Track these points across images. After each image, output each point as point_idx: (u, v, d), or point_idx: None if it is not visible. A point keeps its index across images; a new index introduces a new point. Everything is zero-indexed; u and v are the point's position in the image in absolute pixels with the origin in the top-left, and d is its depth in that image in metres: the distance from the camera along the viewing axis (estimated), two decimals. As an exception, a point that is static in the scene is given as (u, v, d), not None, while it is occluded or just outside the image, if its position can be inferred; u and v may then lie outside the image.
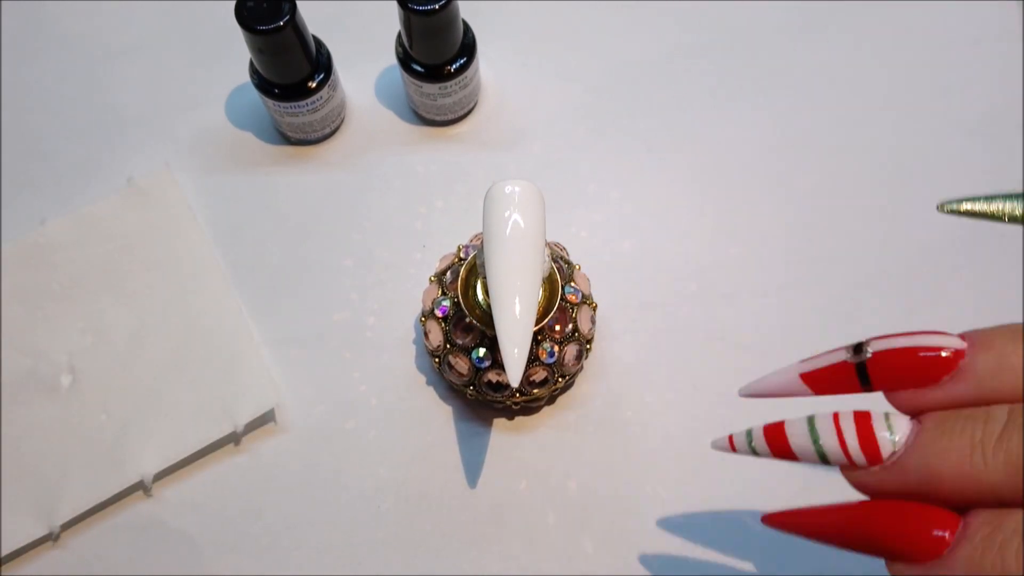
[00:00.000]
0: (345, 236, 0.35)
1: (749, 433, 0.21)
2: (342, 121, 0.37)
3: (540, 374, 0.29)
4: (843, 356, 0.20)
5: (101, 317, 0.33)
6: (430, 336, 0.30)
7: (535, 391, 0.30)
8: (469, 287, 0.29)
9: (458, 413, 0.32)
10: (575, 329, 0.30)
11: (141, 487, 0.31)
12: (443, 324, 0.30)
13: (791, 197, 0.36)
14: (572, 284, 0.30)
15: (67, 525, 0.31)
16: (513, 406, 0.31)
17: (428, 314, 0.30)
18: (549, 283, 0.28)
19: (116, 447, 0.31)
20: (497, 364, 0.29)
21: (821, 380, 0.21)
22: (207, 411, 0.32)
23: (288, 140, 0.37)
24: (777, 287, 0.34)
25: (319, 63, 0.34)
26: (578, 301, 0.30)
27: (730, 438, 0.21)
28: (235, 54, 0.37)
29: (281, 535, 0.31)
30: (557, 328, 0.29)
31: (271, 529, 0.31)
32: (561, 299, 0.29)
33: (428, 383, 0.33)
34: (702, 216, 0.35)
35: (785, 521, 0.21)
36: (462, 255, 0.30)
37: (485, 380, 0.30)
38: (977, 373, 0.19)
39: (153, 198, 0.35)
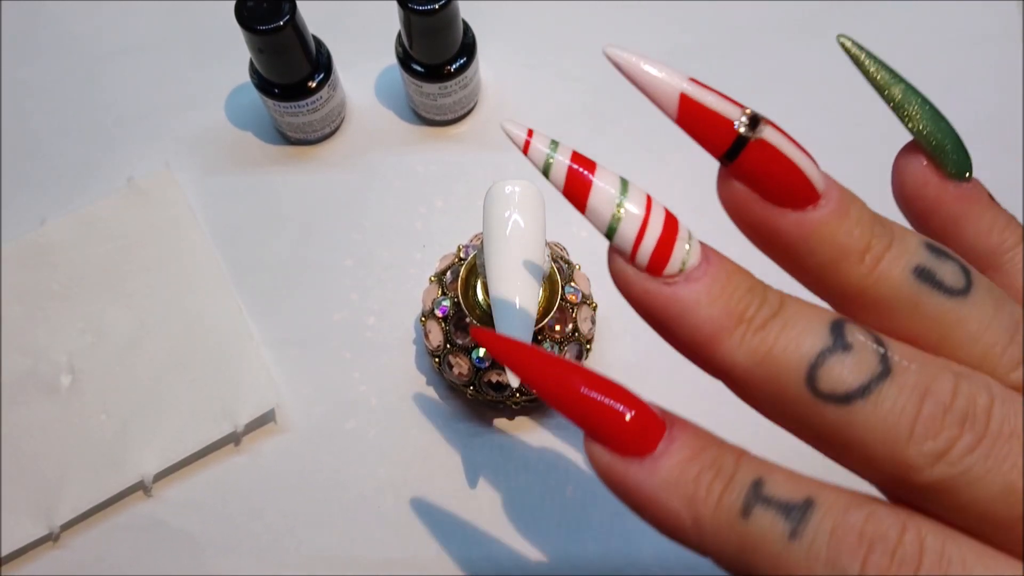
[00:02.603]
0: (345, 236, 0.35)
1: (555, 147, 0.18)
2: (342, 121, 0.37)
3: (540, 374, 0.29)
4: (734, 116, 0.17)
5: (101, 317, 0.33)
6: (430, 336, 0.30)
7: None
8: (469, 287, 0.29)
9: (458, 413, 0.32)
10: (575, 329, 0.30)
11: (141, 487, 0.31)
12: (443, 324, 0.30)
13: (791, 197, 0.36)
14: (572, 284, 0.30)
15: (67, 525, 0.31)
16: (513, 406, 0.31)
17: (428, 314, 0.30)
18: (549, 283, 0.28)
19: (116, 447, 0.31)
20: (497, 364, 0.29)
21: (694, 116, 0.18)
22: (207, 411, 0.32)
23: (288, 140, 0.37)
24: (777, 287, 0.34)
25: (319, 63, 0.34)
26: (578, 301, 0.30)
27: (530, 135, 0.18)
28: (235, 54, 0.37)
29: (281, 535, 0.31)
30: (557, 328, 0.29)
31: (271, 529, 0.31)
32: (561, 299, 0.29)
33: (428, 383, 0.33)
34: (702, 216, 0.35)
35: (493, 345, 0.18)
36: (462, 255, 0.30)
37: (485, 380, 0.30)
38: (824, 235, 0.18)
39: (153, 198, 0.35)
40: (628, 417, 0.18)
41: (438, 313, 0.30)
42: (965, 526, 0.16)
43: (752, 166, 0.18)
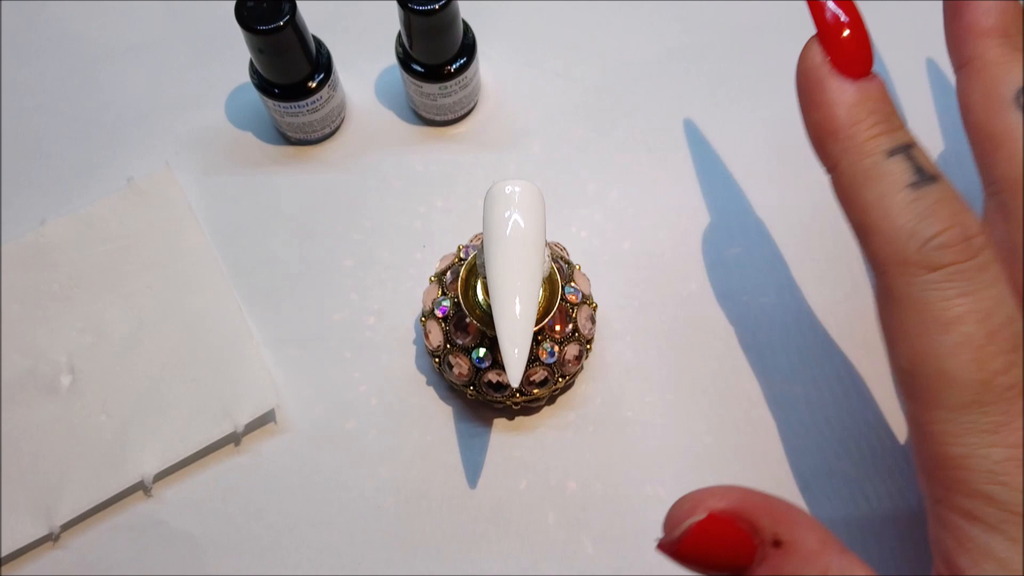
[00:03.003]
0: (345, 236, 0.35)
1: None
2: (342, 121, 0.37)
3: (540, 374, 0.29)
4: None
5: (101, 317, 0.33)
6: (430, 336, 0.30)
7: (535, 391, 0.30)
8: (469, 287, 0.29)
9: (458, 413, 0.32)
10: (575, 329, 0.30)
11: (141, 487, 0.31)
12: (443, 324, 0.30)
13: (791, 197, 0.36)
14: (572, 284, 0.30)
15: (67, 525, 0.31)
16: (513, 406, 0.31)
17: (428, 314, 0.30)
18: (549, 283, 0.28)
19: (116, 447, 0.31)
20: (497, 364, 0.29)
21: None
22: (207, 411, 0.32)
23: (288, 140, 0.37)
24: (777, 287, 0.34)
25: (319, 63, 0.34)
26: (578, 301, 0.30)
27: None
28: (235, 54, 0.37)
29: (281, 535, 0.31)
30: (557, 328, 0.29)
31: (271, 529, 0.31)
32: (561, 299, 0.29)
33: (428, 383, 0.33)
34: (702, 216, 0.35)
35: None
36: (462, 255, 0.30)
37: (485, 380, 0.30)
38: None
39: (153, 198, 0.35)
40: (860, 49, 0.23)
41: (438, 313, 0.30)
42: None
43: None
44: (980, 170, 0.24)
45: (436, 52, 0.33)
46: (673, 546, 0.22)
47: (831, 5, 0.23)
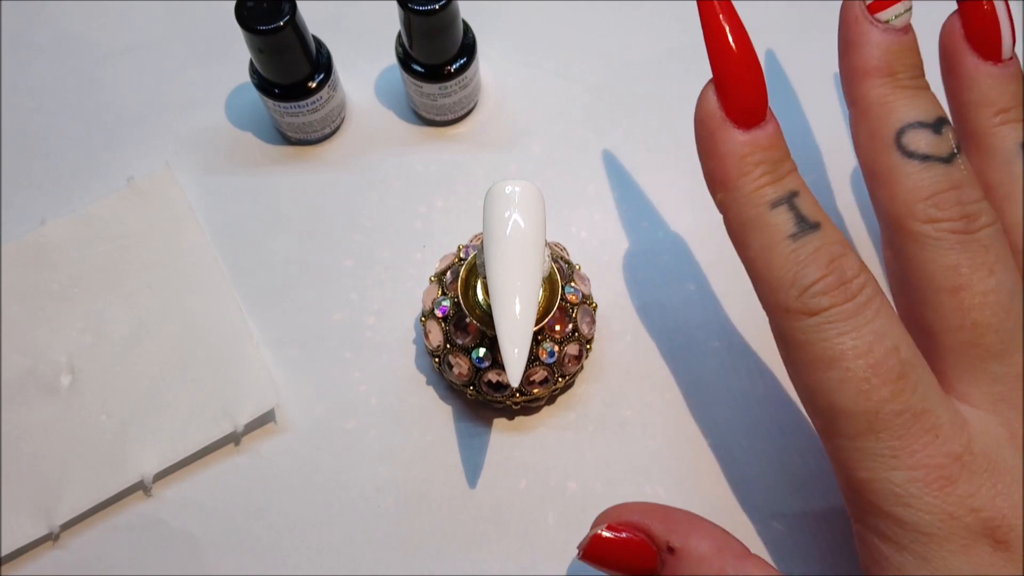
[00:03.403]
0: (345, 236, 0.35)
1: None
2: (342, 121, 0.37)
3: (540, 374, 0.29)
4: None
5: (101, 317, 0.33)
6: (430, 336, 0.30)
7: (535, 391, 0.30)
8: (469, 287, 0.29)
9: (458, 413, 0.32)
10: (575, 329, 0.30)
11: (141, 487, 0.31)
12: (443, 324, 0.30)
13: (791, 197, 0.36)
14: (572, 284, 0.30)
15: (67, 525, 0.31)
16: (513, 406, 0.31)
17: (428, 314, 0.30)
18: (549, 283, 0.28)
19: (116, 447, 0.31)
20: (497, 364, 0.29)
21: None
22: (207, 411, 0.32)
23: (288, 140, 0.37)
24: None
25: (319, 63, 0.34)
26: (578, 301, 0.30)
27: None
28: (235, 54, 0.37)
29: (281, 535, 0.31)
30: (557, 328, 0.29)
31: (271, 529, 0.31)
32: (561, 299, 0.29)
33: (428, 383, 0.33)
34: (702, 216, 0.35)
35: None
36: (462, 255, 0.30)
37: (485, 380, 0.30)
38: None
39: (153, 198, 0.35)
40: (754, 97, 0.23)
41: (438, 313, 0.30)
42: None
43: (971, 15, 0.25)
44: (872, 205, 0.26)
45: (436, 52, 0.33)
46: (581, 552, 0.25)
47: (732, 51, 0.24)
